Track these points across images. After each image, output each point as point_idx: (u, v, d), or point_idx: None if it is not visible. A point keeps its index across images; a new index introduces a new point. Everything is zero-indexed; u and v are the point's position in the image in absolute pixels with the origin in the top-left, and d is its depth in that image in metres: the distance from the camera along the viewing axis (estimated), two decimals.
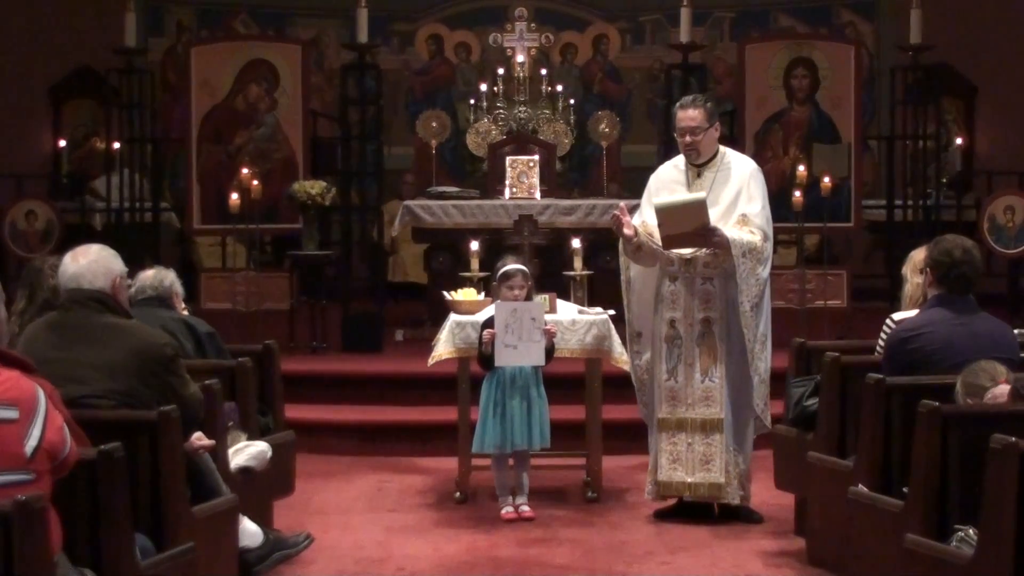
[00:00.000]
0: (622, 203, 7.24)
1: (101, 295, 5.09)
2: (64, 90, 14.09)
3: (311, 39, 14.56)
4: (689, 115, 7.04)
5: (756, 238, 6.92)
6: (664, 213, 6.83)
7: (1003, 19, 13.82)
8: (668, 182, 7.15)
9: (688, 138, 7.04)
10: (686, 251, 6.96)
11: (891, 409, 5.49)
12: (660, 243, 6.94)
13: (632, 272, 7.23)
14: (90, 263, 5.12)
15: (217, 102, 11.11)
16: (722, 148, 7.18)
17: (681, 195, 6.97)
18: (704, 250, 6.94)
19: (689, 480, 7.03)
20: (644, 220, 7.05)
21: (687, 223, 6.82)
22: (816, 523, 6.26)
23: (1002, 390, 4.96)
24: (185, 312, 6.59)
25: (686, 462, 7.02)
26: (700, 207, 6.81)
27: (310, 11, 15.68)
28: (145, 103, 11.52)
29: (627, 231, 6.98)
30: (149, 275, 6.48)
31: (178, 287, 6.56)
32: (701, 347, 7.01)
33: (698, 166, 7.09)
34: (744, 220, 6.93)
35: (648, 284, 7.18)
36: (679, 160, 7.21)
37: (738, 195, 6.98)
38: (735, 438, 7.02)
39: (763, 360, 7.01)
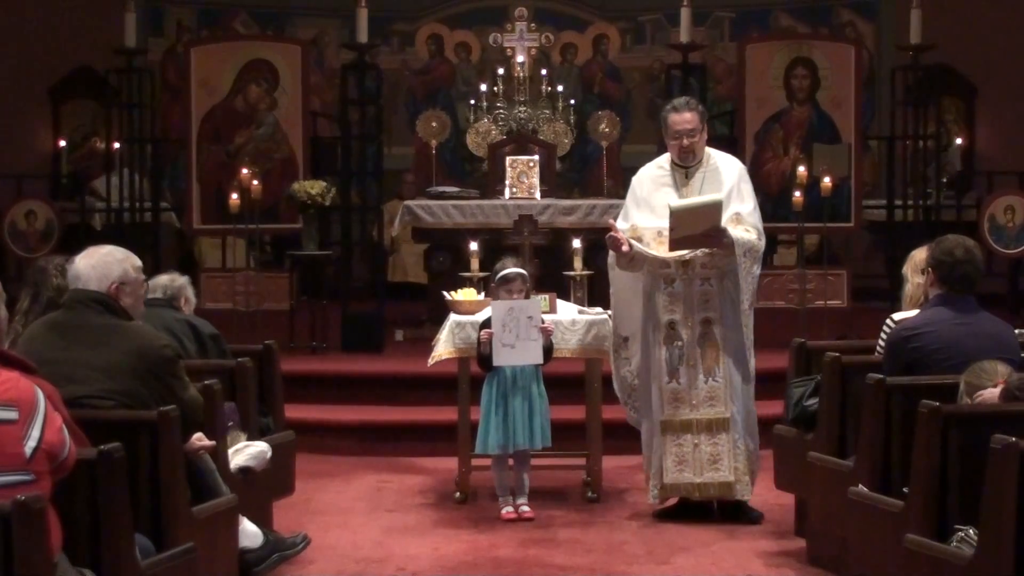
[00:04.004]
0: (612, 220, 7.20)
1: (101, 296, 5.09)
2: (64, 90, 14.10)
3: (311, 39, 14.58)
4: (685, 118, 7.03)
5: (753, 236, 6.95)
6: (679, 216, 6.79)
7: (1003, 19, 13.83)
8: (657, 184, 7.11)
9: (685, 141, 7.02)
10: (685, 252, 6.96)
11: (891, 409, 5.49)
12: (648, 246, 6.93)
13: (611, 276, 7.23)
14: (92, 265, 5.13)
15: (217, 102, 11.11)
16: (707, 149, 7.18)
17: (697, 197, 6.94)
18: (701, 250, 6.93)
19: (697, 480, 7.02)
20: (634, 224, 7.03)
21: (700, 225, 6.81)
22: (816, 523, 6.26)
23: (992, 392, 4.96)
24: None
25: (693, 463, 7.01)
26: (716, 208, 6.80)
27: (310, 11, 15.70)
28: (145, 103, 11.52)
29: (625, 248, 6.96)
30: (163, 279, 6.53)
31: (188, 292, 6.59)
32: (703, 348, 7.01)
33: (685, 167, 7.08)
34: (738, 219, 6.94)
35: (630, 288, 7.17)
36: (663, 161, 7.20)
37: (729, 195, 6.98)
38: (747, 435, 7.03)
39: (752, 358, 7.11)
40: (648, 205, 7.06)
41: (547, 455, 7.52)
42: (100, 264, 5.14)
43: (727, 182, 7.01)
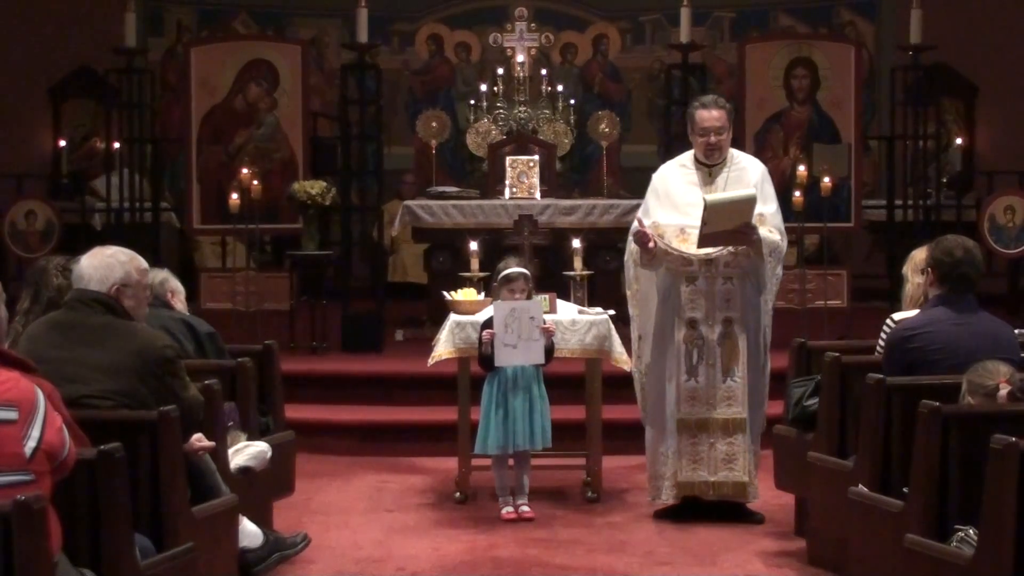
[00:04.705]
0: (639, 215, 7.15)
1: (102, 297, 5.09)
2: (64, 90, 14.11)
3: (311, 39, 14.58)
4: (713, 115, 7.00)
5: (777, 237, 6.97)
6: (713, 210, 6.72)
7: (1003, 19, 13.85)
8: (682, 181, 7.07)
9: (713, 138, 6.99)
10: (711, 250, 6.90)
11: (891, 409, 5.49)
12: (670, 243, 6.90)
13: (630, 273, 7.21)
14: (95, 265, 5.13)
15: (217, 102, 11.11)
16: (731, 149, 7.16)
17: (732, 192, 6.90)
18: (726, 249, 6.91)
19: (712, 479, 7.01)
20: (655, 222, 6.97)
21: (732, 220, 6.77)
22: (816, 523, 6.26)
23: (1002, 395, 4.96)
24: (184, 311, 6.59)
25: (708, 462, 7.00)
26: (750, 204, 6.77)
27: (310, 11, 15.71)
28: (145, 103, 11.52)
29: (652, 244, 6.92)
30: None
31: (172, 284, 6.55)
32: (723, 347, 6.99)
33: (710, 166, 7.07)
34: (761, 220, 6.92)
35: (649, 287, 7.16)
36: (685, 159, 7.17)
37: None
38: (752, 436, 7.05)
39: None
40: (671, 202, 7.02)
41: (547, 455, 7.52)
42: (102, 265, 5.14)
43: (752, 182, 6.98)
